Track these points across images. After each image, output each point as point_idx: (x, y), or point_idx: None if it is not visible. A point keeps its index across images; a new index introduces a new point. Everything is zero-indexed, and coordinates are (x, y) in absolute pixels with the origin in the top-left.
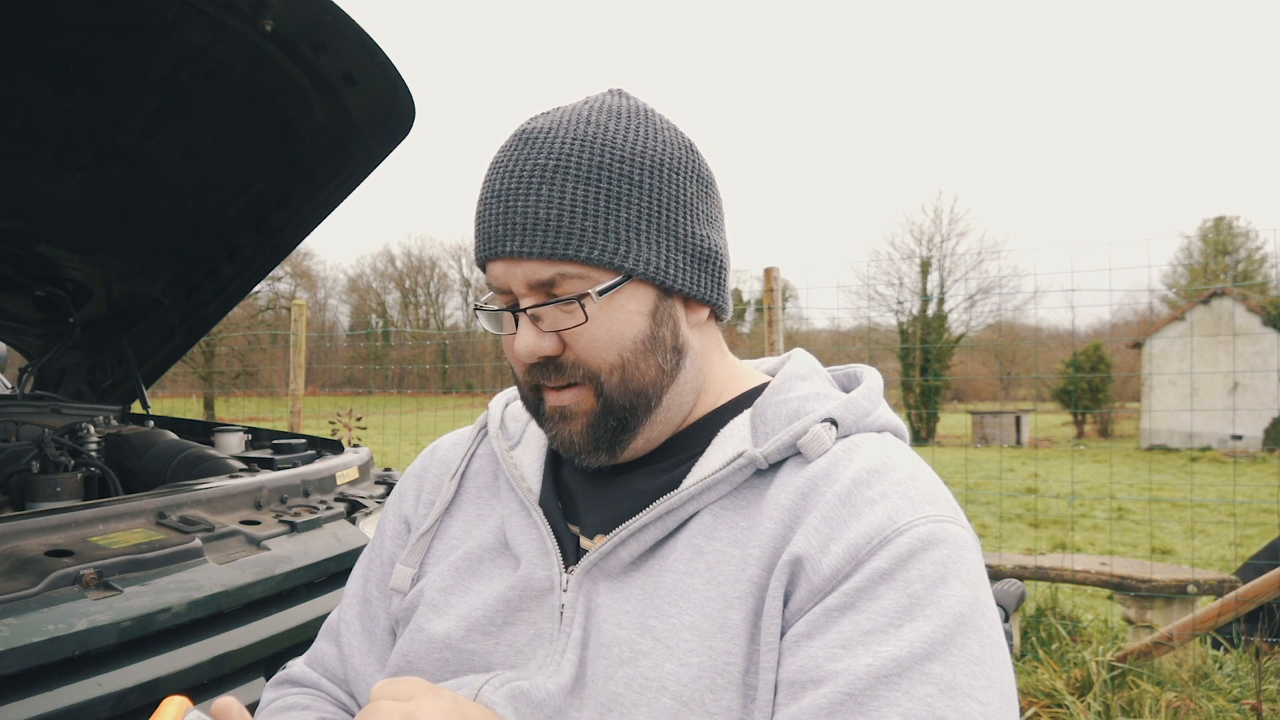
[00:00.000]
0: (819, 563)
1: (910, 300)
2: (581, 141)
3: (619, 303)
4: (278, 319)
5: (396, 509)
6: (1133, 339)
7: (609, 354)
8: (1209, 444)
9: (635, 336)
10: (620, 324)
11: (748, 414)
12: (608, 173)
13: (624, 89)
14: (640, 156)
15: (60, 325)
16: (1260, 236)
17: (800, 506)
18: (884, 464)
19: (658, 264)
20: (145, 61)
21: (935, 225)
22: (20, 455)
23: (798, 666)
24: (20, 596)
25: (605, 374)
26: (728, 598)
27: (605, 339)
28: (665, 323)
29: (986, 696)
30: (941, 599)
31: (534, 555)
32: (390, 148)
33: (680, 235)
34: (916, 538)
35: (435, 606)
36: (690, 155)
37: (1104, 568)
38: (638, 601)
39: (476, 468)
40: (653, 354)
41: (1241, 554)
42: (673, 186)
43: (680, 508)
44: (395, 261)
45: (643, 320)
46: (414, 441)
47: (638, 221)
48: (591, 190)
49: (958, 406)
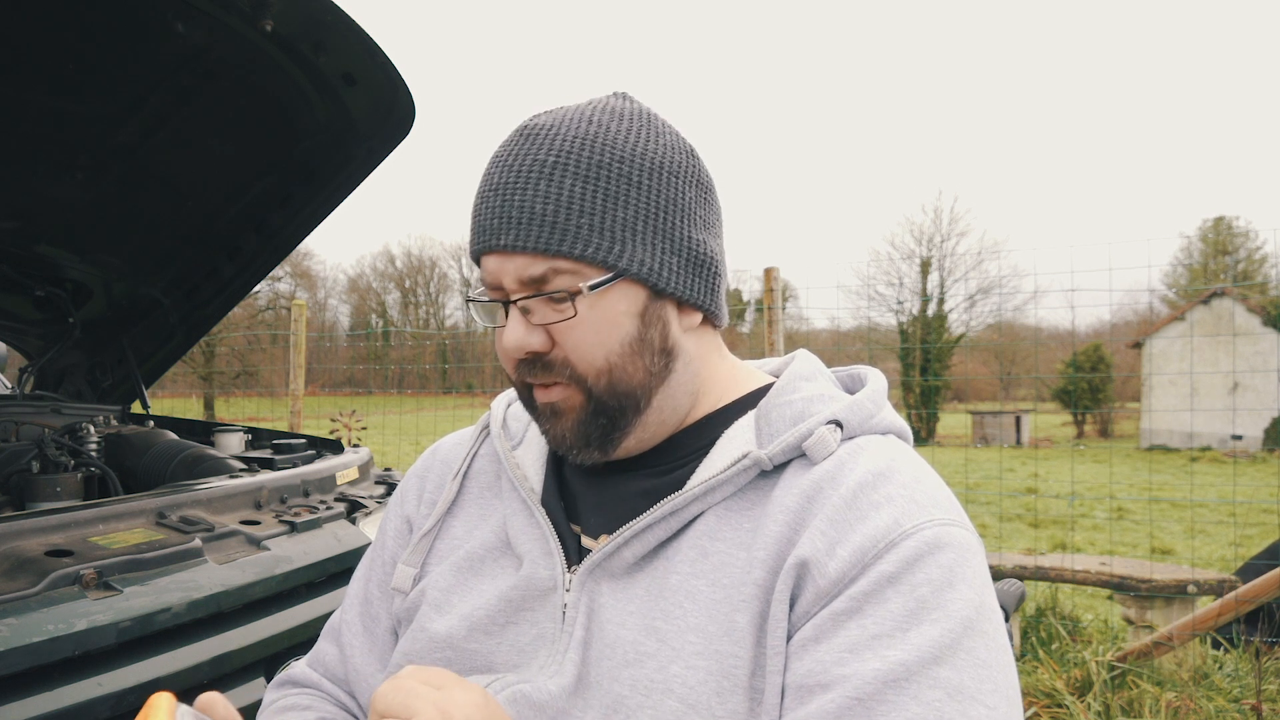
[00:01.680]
0: (825, 566)
1: (910, 300)
2: (582, 139)
3: (609, 302)
4: (278, 319)
5: (398, 509)
6: (1133, 339)
7: (596, 357)
8: (1209, 444)
9: (623, 339)
10: (609, 324)
11: (752, 415)
12: (606, 171)
13: (628, 92)
14: (640, 158)
15: (60, 325)
16: (1260, 236)
17: (806, 510)
18: (889, 467)
19: (651, 264)
20: (145, 61)
21: (935, 225)
22: (20, 455)
23: (805, 671)
24: (20, 596)
25: (593, 378)
26: (733, 600)
27: (593, 340)
28: (655, 325)
29: (993, 700)
30: (948, 603)
31: (536, 555)
32: (390, 148)
33: (675, 238)
34: (923, 541)
35: (438, 606)
36: (690, 160)
37: (1104, 568)
38: (642, 603)
39: (479, 468)
40: (640, 356)
41: (1241, 554)
42: (670, 189)
43: (685, 508)
44: (395, 261)
45: (631, 322)
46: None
47: (633, 221)
48: (589, 188)
49: (958, 406)
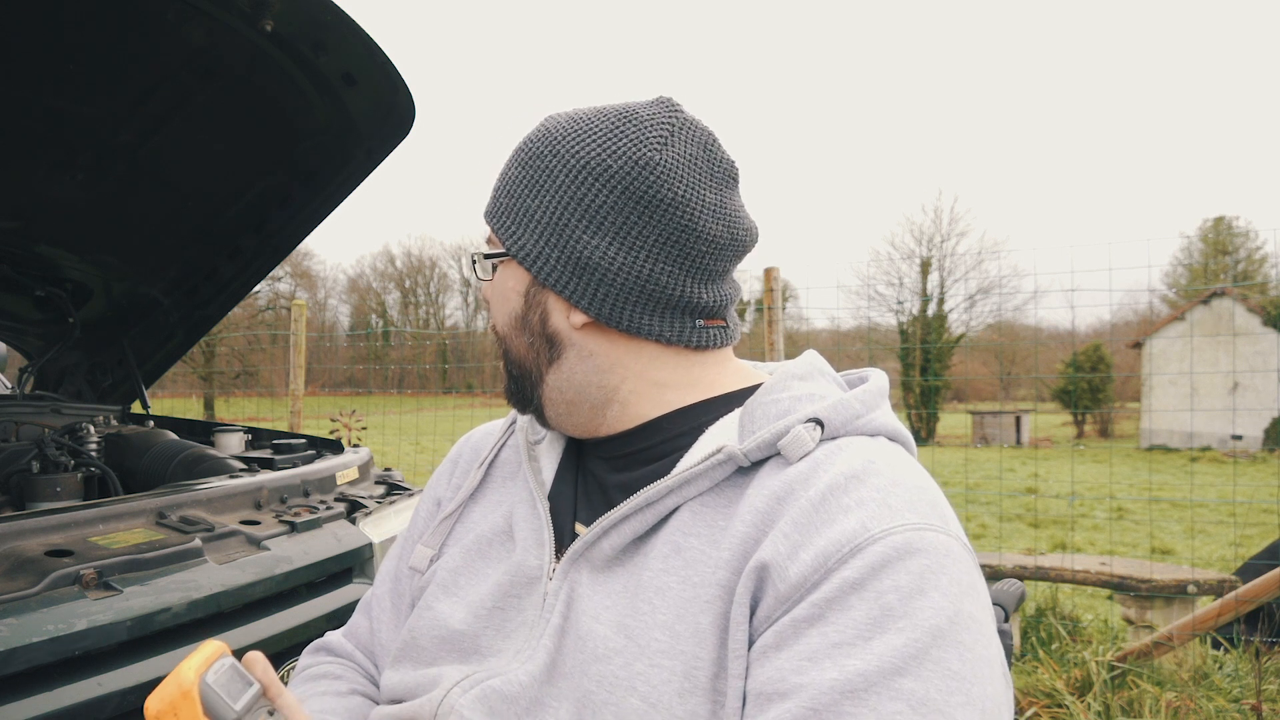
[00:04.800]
0: (786, 570)
1: (910, 300)
2: (549, 131)
3: (503, 276)
4: (278, 319)
5: (432, 491)
6: (1133, 339)
7: (499, 321)
8: (1209, 444)
9: (510, 311)
10: (501, 295)
11: (738, 411)
12: (538, 161)
13: (672, 100)
14: (572, 156)
15: (60, 325)
16: (1260, 236)
17: (773, 511)
18: (864, 469)
19: (530, 252)
20: (145, 61)
21: (935, 225)
22: (20, 455)
23: (765, 679)
24: (20, 596)
25: (499, 338)
26: (700, 600)
27: (496, 306)
28: (535, 309)
29: (964, 714)
30: (916, 611)
31: (530, 543)
32: (390, 148)
33: (564, 235)
34: (890, 547)
35: (444, 586)
36: (640, 175)
37: (1104, 568)
38: (619, 598)
39: (505, 457)
40: (522, 333)
41: (1241, 554)
42: (584, 191)
43: (660, 500)
44: (395, 261)
45: (517, 299)
46: (414, 441)
47: (534, 210)
48: (521, 173)
49: (958, 406)
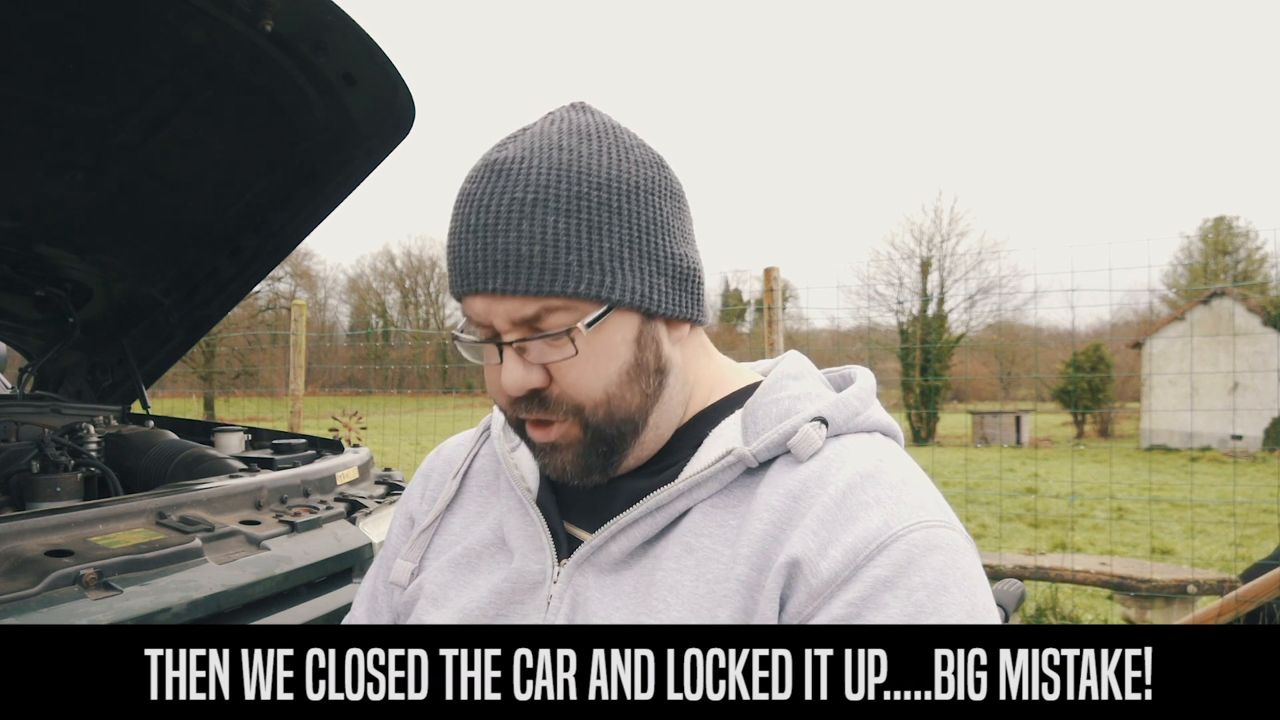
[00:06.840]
0: (817, 565)
1: (910, 300)
2: (558, 170)
3: (605, 334)
4: (278, 319)
5: (404, 507)
6: (1133, 339)
7: (595, 390)
8: (1209, 444)
9: (620, 368)
10: (606, 356)
11: (740, 414)
12: (587, 202)
13: (586, 103)
14: (617, 182)
15: (60, 325)
16: (1260, 236)
17: (792, 509)
18: (876, 468)
19: (642, 291)
20: (145, 61)
21: (935, 225)
22: (20, 455)
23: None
24: (20, 596)
25: (590, 409)
26: (716, 596)
27: (591, 374)
28: (649, 347)
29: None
30: (944, 607)
31: (528, 550)
32: (390, 148)
33: (661, 259)
34: (913, 544)
35: (434, 599)
36: (661, 173)
37: (1104, 568)
38: (629, 597)
39: (479, 467)
40: (636, 382)
41: (1241, 554)
42: (650, 209)
43: (671, 504)
44: (395, 261)
45: (627, 349)
46: (414, 441)
47: (619, 250)
48: (572, 222)
49: (958, 406)
